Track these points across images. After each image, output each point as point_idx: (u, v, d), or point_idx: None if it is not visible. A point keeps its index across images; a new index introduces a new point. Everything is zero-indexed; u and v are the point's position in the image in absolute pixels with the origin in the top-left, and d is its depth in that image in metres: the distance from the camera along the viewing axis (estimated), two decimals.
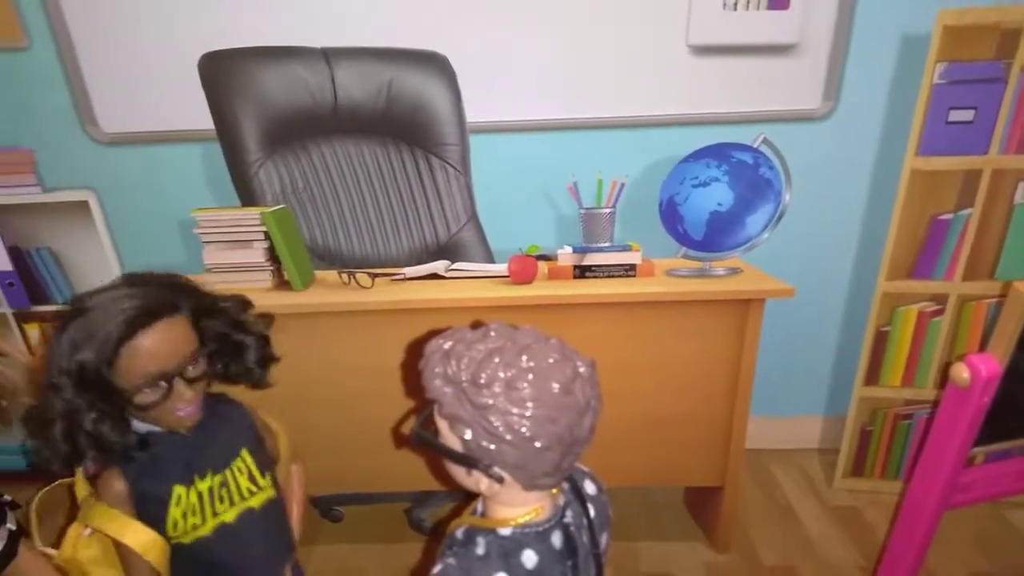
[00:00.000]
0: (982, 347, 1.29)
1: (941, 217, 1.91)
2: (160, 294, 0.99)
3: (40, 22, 1.96)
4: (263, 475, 1.17)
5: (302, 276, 1.66)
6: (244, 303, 1.17)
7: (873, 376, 2.09)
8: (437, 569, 0.80)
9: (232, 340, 1.10)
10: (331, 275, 1.78)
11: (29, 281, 2.14)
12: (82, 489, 1.07)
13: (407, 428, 1.68)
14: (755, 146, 1.66)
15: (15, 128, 2.08)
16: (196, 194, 2.15)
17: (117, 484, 1.04)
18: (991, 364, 1.25)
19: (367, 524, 2.08)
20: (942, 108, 1.78)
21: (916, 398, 2.07)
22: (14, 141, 2.08)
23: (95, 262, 2.17)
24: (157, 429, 1.05)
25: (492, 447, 0.74)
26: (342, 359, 1.64)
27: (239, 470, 1.14)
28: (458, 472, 0.81)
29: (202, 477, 1.09)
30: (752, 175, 1.60)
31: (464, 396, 0.74)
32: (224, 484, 1.11)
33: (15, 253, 2.11)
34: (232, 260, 1.66)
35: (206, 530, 1.09)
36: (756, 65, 1.99)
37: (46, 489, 1.14)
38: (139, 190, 2.15)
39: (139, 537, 1.03)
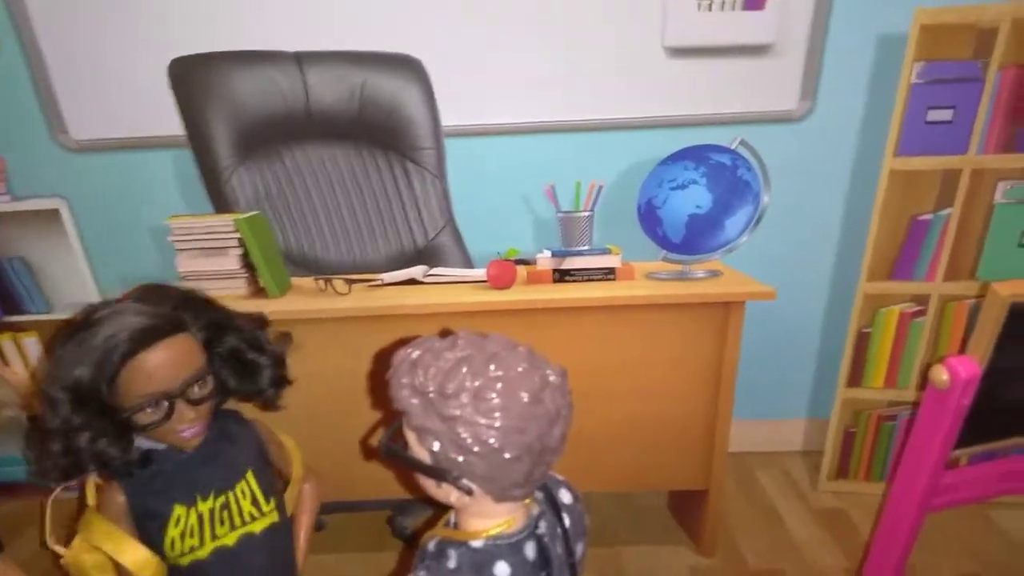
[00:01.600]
0: (964, 347, 1.29)
1: (921, 217, 1.91)
2: (168, 311, 0.98)
3: (7, 29, 1.93)
4: (267, 500, 1.16)
5: (278, 283, 1.65)
6: (262, 321, 1.17)
7: (856, 378, 2.09)
8: None
9: (246, 359, 1.09)
10: (307, 282, 1.77)
11: (1, 291, 2.12)
12: (91, 495, 1.07)
13: (376, 440, 1.67)
14: (733, 148, 1.66)
15: None
16: (169, 201, 2.13)
17: (117, 498, 1.04)
18: (970, 366, 1.26)
19: (350, 533, 2.07)
20: (920, 108, 1.78)
21: (899, 399, 2.07)
22: None
23: (68, 271, 2.15)
24: (161, 446, 1.05)
25: (460, 459, 0.73)
26: (320, 366, 1.63)
27: (243, 493, 1.12)
28: (428, 484, 0.81)
29: (204, 498, 1.08)
30: (730, 177, 1.60)
31: (432, 407, 0.74)
32: (226, 506, 1.10)
33: None
34: (206, 268, 1.64)
35: (203, 553, 1.08)
36: (732, 66, 1.98)
37: (61, 487, 1.12)
38: (111, 198, 2.13)
39: (133, 555, 1.02)
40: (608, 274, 1.69)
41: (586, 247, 1.72)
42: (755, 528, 2.04)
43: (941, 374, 1.27)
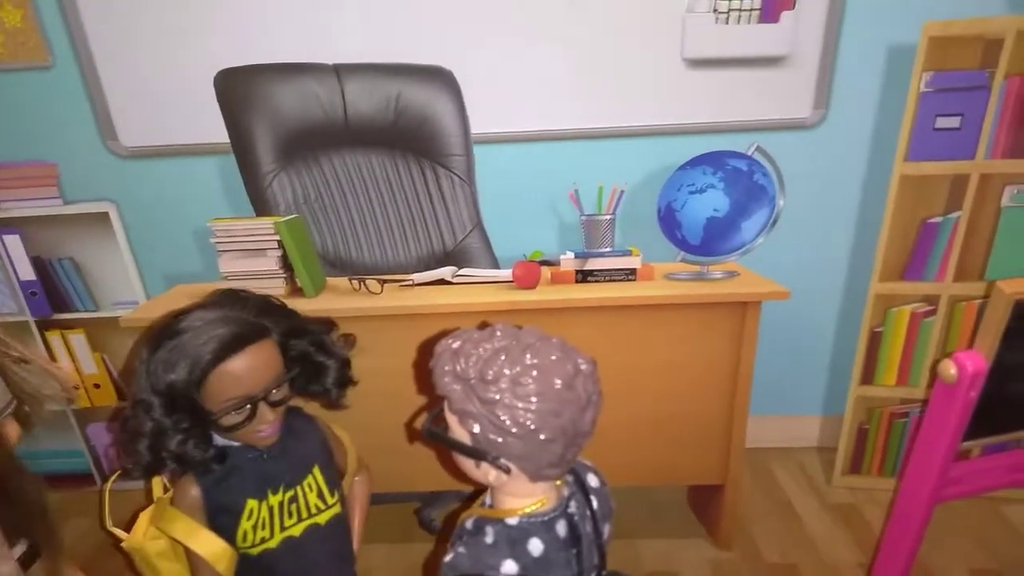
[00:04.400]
0: (972, 345, 1.34)
1: (931, 220, 1.95)
2: (252, 318, 1.02)
3: (63, 42, 2.01)
4: (332, 493, 1.20)
5: (314, 283, 1.68)
6: (330, 325, 1.21)
7: (868, 376, 2.12)
8: (448, 558, 0.84)
9: (314, 361, 1.14)
10: (342, 282, 1.80)
11: (51, 290, 2.18)
12: (158, 487, 1.12)
13: (418, 424, 1.71)
14: (749, 154, 1.69)
15: (39, 143, 2.12)
16: (212, 205, 2.19)
17: (192, 492, 1.08)
18: (977, 360, 1.29)
19: (377, 524, 2.04)
20: (929, 115, 1.82)
21: (910, 397, 2.10)
22: (38, 155, 2.13)
23: (115, 271, 2.21)
24: (235, 443, 1.09)
25: (499, 440, 0.77)
26: (353, 363, 1.66)
27: (309, 487, 1.16)
28: (467, 465, 0.85)
29: (275, 492, 1.12)
30: (747, 182, 1.64)
31: (472, 392, 0.78)
32: (294, 500, 1.14)
33: (38, 263, 2.15)
34: (247, 268, 1.68)
35: (273, 543, 1.12)
36: (748, 76, 2.03)
37: (119, 472, 1.18)
38: (158, 202, 2.19)
39: (210, 546, 1.06)
40: (629, 275, 1.71)
41: (608, 249, 1.75)
42: (771, 522, 2.07)
43: (949, 368, 1.30)
